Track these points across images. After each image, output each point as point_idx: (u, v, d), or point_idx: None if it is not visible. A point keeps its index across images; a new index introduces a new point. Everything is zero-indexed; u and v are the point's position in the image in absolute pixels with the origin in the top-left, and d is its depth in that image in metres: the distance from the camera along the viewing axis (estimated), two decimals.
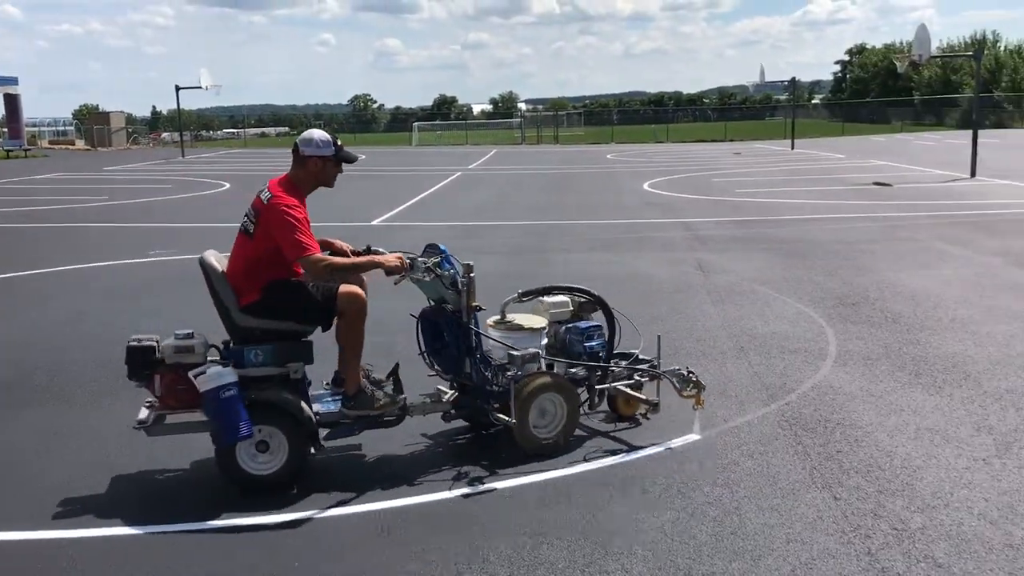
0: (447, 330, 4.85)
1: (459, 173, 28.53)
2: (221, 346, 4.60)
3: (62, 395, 6.06)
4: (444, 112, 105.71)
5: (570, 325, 5.24)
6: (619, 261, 11.06)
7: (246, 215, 4.64)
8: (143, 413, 4.47)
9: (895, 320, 7.69)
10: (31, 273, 10.78)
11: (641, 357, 5.32)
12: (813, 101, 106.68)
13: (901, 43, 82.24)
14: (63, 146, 57.40)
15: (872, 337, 7.15)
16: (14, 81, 49.19)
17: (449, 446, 5.05)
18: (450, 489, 4.43)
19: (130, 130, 62.23)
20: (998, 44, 72.06)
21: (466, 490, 4.42)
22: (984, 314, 7.81)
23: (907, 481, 4.40)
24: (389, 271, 4.62)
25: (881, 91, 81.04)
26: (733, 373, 6.24)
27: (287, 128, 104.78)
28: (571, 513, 4.14)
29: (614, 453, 4.85)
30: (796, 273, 9.88)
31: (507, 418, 4.67)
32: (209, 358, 4.45)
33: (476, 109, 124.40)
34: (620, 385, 5.24)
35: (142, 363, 4.36)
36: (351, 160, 4.78)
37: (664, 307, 8.33)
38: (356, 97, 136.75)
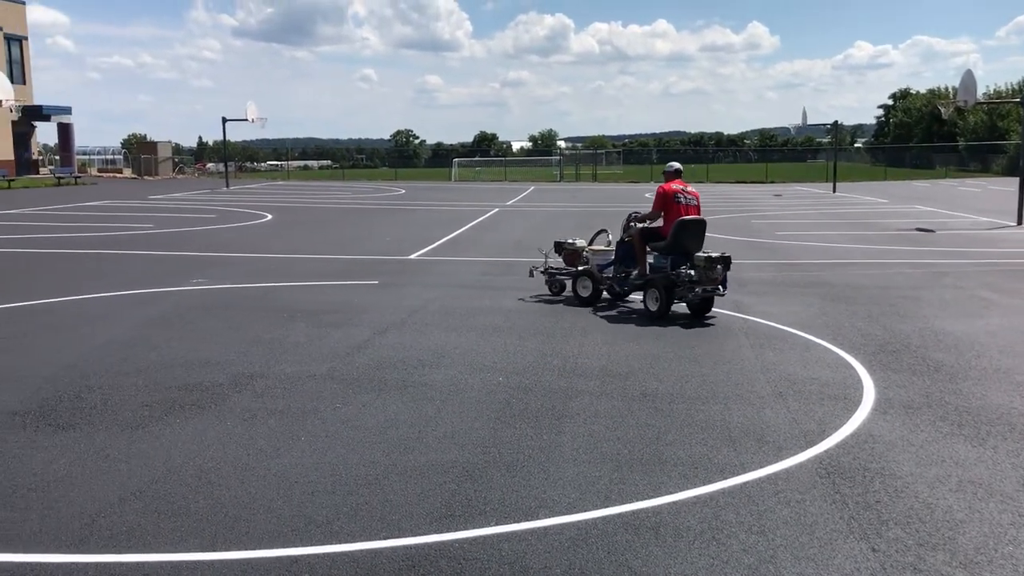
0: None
1: (497, 209, 28.68)
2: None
3: (111, 418, 6.09)
4: (484, 148, 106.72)
5: None
6: None
7: (686, 197, 10.13)
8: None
9: (937, 369, 7.56)
10: (81, 298, 10.97)
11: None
12: (855, 145, 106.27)
13: (945, 88, 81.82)
14: (111, 174, 58.77)
15: (913, 385, 7.04)
16: (67, 111, 50.62)
17: (478, 482, 5.01)
18: (479, 527, 4.40)
19: (176, 160, 63.52)
20: None
21: (496, 529, 4.39)
22: None
23: (949, 535, 4.30)
24: None
25: (924, 136, 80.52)
26: (771, 419, 6.17)
27: (330, 161, 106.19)
28: (604, 556, 4.09)
29: (647, 496, 4.80)
30: (836, 318, 9.77)
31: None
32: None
33: (516, 146, 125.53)
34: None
35: (725, 265, 9.78)
36: None
37: (701, 350, 8.28)
38: (398, 132, 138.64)
